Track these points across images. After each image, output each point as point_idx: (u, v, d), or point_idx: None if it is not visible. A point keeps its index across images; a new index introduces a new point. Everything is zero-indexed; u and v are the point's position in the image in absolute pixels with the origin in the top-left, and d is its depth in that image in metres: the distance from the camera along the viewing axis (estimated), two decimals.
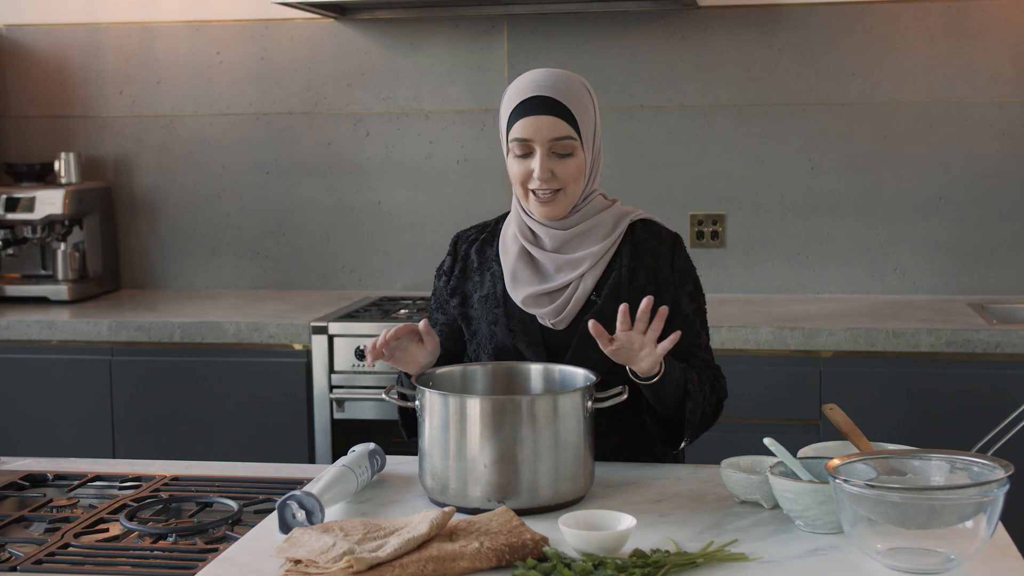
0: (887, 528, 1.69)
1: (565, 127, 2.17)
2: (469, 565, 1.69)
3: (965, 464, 1.75)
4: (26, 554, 1.84)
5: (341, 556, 1.67)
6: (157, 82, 4.31)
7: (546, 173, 2.17)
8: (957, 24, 3.90)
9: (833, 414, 2.15)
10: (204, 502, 2.08)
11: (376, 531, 1.77)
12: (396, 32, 4.16)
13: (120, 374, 3.74)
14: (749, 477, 1.94)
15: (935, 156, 3.96)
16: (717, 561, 1.72)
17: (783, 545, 1.80)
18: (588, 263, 2.23)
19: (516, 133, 2.19)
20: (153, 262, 4.38)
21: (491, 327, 2.27)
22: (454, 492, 1.95)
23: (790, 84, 4.00)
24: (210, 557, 1.80)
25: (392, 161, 4.21)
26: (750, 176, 4.04)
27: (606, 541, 1.72)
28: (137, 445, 3.72)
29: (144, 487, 2.16)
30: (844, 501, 1.70)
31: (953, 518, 1.66)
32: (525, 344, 2.24)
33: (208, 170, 4.31)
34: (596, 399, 2.01)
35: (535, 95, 2.17)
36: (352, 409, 3.65)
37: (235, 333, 3.68)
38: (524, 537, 1.74)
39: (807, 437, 3.45)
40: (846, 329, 3.45)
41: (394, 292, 4.22)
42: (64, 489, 2.21)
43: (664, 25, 4.02)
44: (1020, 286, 3.95)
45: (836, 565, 1.72)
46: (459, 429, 1.95)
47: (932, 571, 1.68)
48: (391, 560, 1.67)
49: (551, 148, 2.17)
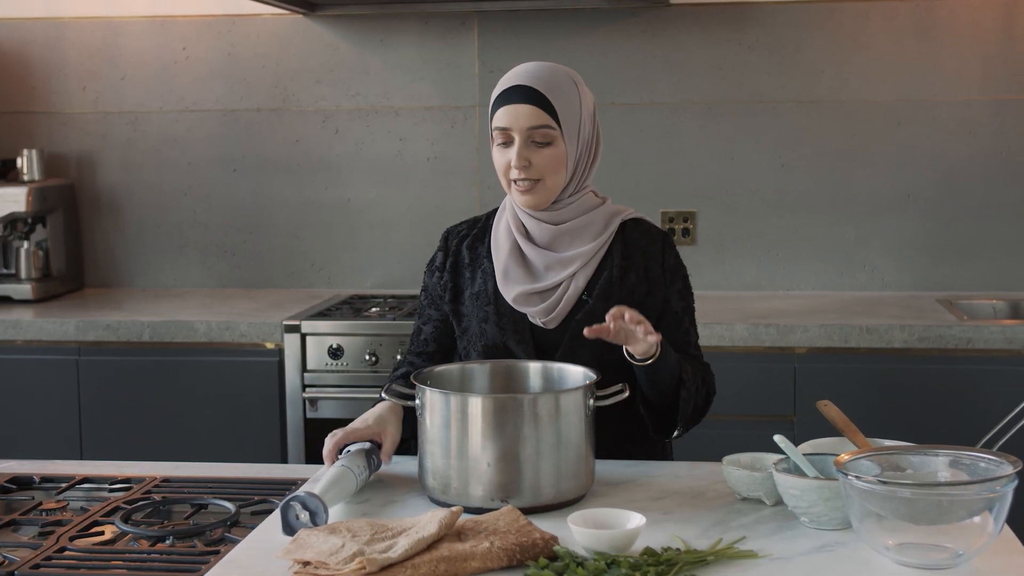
0: (896, 524, 1.70)
1: (543, 116, 2.18)
2: (480, 565, 1.68)
3: (972, 460, 1.76)
4: (22, 558, 1.80)
5: (352, 557, 1.65)
6: (121, 78, 4.25)
7: (522, 161, 2.18)
8: (925, 23, 3.93)
9: (828, 410, 2.15)
10: (199, 504, 2.05)
11: (384, 531, 1.75)
12: (366, 28, 4.13)
13: (88, 374, 3.68)
14: (752, 474, 1.95)
15: (903, 154, 3.99)
16: (727, 559, 1.72)
17: (789, 542, 1.80)
18: (579, 262, 2.23)
19: (496, 122, 2.22)
20: (118, 260, 4.32)
21: (481, 324, 2.27)
22: (456, 491, 1.94)
23: (760, 82, 4.01)
24: (212, 560, 1.77)
25: (362, 158, 4.18)
26: (721, 173, 4.06)
27: (617, 540, 1.71)
28: (105, 446, 3.66)
29: (135, 489, 2.13)
30: (853, 497, 1.71)
31: (963, 514, 1.67)
32: (515, 342, 2.24)
33: (174, 167, 4.26)
34: (597, 397, 2.01)
35: (516, 84, 2.20)
36: (325, 408, 3.62)
37: (206, 332, 3.64)
38: (534, 536, 1.73)
39: (782, 433, 3.47)
40: (820, 326, 3.47)
41: (364, 290, 4.19)
42: (52, 492, 2.17)
43: (635, 22, 4.02)
44: (987, 282, 3.99)
45: (845, 561, 1.73)
46: (461, 428, 1.93)
47: (941, 566, 1.69)
48: (402, 560, 1.65)
49: (529, 137, 2.18)
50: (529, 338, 2.24)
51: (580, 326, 2.15)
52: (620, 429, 2.28)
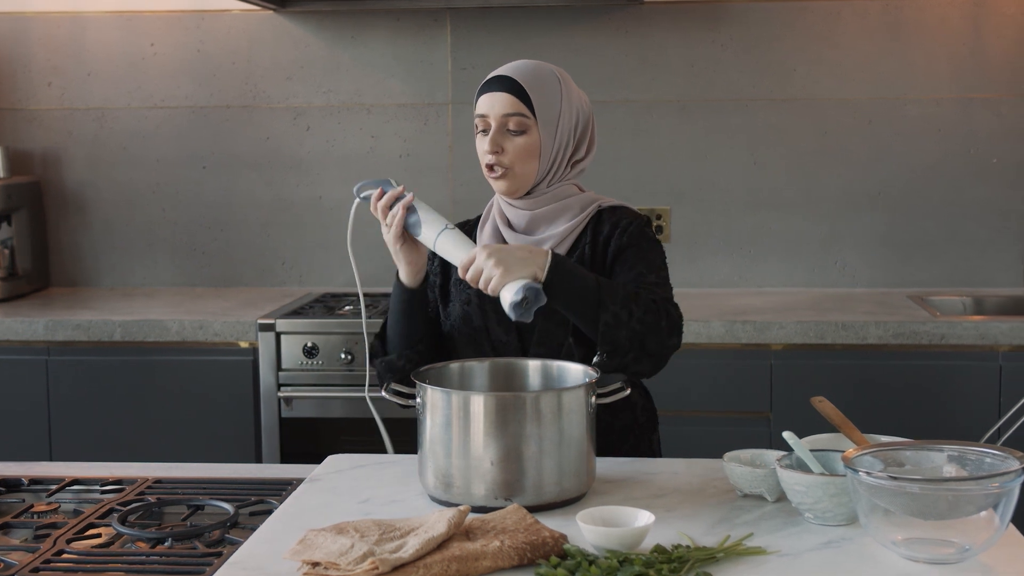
0: (903, 519, 1.70)
1: (518, 104, 2.24)
2: (492, 564, 1.66)
3: (977, 456, 1.78)
4: (20, 562, 1.76)
5: (363, 557, 1.63)
6: (88, 74, 4.19)
7: (494, 147, 2.24)
8: (895, 22, 3.97)
9: (823, 406, 2.16)
10: (195, 505, 2.02)
11: (391, 531, 1.73)
12: (337, 25, 4.10)
13: (57, 374, 3.63)
14: (754, 471, 1.95)
15: (874, 152, 4.02)
16: (737, 555, 1.72)
17: (795, 538, 1.80)
18: (551, 243, 2.28)
19: (476, 110, 2.30)
20: (85, 259, 4.26)
21: (464, 307, 2.33)
22: (458, 490, 1.93)
23: (733, 80, 4.03)
24: (215, 562, 1.75)
25: (333, 156, 4.15)
26: (694, 171, 4.07)
27: (627, 537, 1.71)
28: (76, 447, 3.61)
29: (128, 490, 2.10)
30: (861, 492, 1.71)
31: (971, 509, 1.68)
32: (496, 322, 2.29)
33: (142, 164, 4.21)
34: (598, 395, 2.01)
35: (496, 75, 2.28)
36: (300, 407, 3.59)
37: (179, 331, 3.60)
38: (543, 535, 1.73)
39: (758, 430, 3.51)
40: (796, 322, 3.49)
41: (336, 288, 4.16)
42: (41, 494, 2.13)
43: (608, 20, 4.03)
44: (956, 279, 4.04)
45: (853, 556, 1.73)
46: (463, 426, 1.92)
47: (948, 561, 1.70)
48: (414, 560, 1.64)
49: (503, 124, 2.24)
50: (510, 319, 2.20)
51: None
52: (601, 420, 2.26)
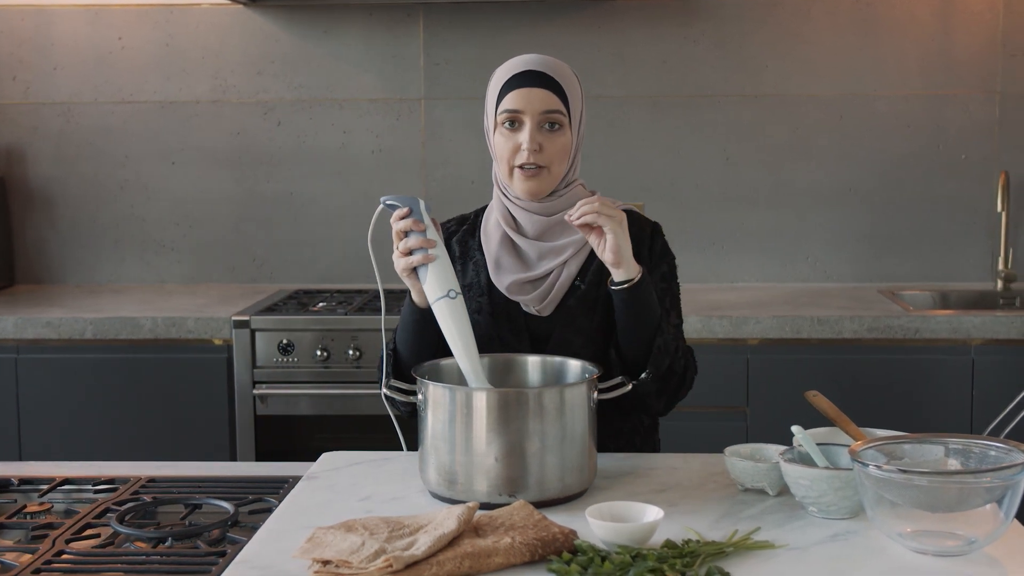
0: (909, 511, 1.72)
1: (556, 101, 2.18)
2: (504, 560, 1.66)
3: (982, 449, 1.79)
4: (21, 563, 1.74)
5: (375, 555, 1.62)
6: (54, 68, 4.13)
7: (535, 144, 2.17)
8: (865, 18, 4.00)
9: (817, 400, 2.17)
10: (193, 504, 2.00)
11: (400, 529, 1.72)
12: (308, 19, 4.07)
13: (27, 373, 3.58)
14: (756, 465, 1.95)
15: (845, 148, 4.05)
16: (746, 549, 1.73)
17: (800, 532, 1.81)
18: (571, 250, 2.24)
19: (507, 105, 2.18)
20: (51, 256, 4.20)
21: (474, 315, 2.24)
22: (462, 487, 1.92)
23: (705, 76, 4.04)
24: (221, 561, 1.73)
25: (305, 151, 4.12)
26: (667, 167, 4.08)
27: (637, 533, 1.71)
28: (47, 447, 3.56)
29: (122, 490, 2.07)
30: (868, 485, 1.72)
31: (979, 501, 1.70)
32: (509, 331, 2.24)
33: (110, 160, 4.15)
34: (600, 390, 2.00)
35: (528, 70, 2.20)
36: (275, 404, 3.56)
37: (151, 329, 3.56)
38: (553, 531, 1.72)
39: (735, 424, 3.53)
40: (772, 317, 3.51)
41: (309, 285, 4.13)
42: (32, 494, 2.10)
43: (581, 16, 4.02)
44: (925, 273, 4.07)
45: (861, 549, 1.74)
46: (467, 423, 1.91)
47: (955, 553, 1.71)
48: (427, 558, 1.63)
49: (541, 121, 2.18)
50: (523, 327, 2.23)
51: (573, 312, 2.21)
52: (611, 422, 2.27)
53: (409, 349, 2.20)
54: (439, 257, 2.08)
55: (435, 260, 2.07)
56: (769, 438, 2.31)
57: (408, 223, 2.08)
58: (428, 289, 2.08)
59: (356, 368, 3.54)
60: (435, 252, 2.07)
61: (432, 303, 2.08)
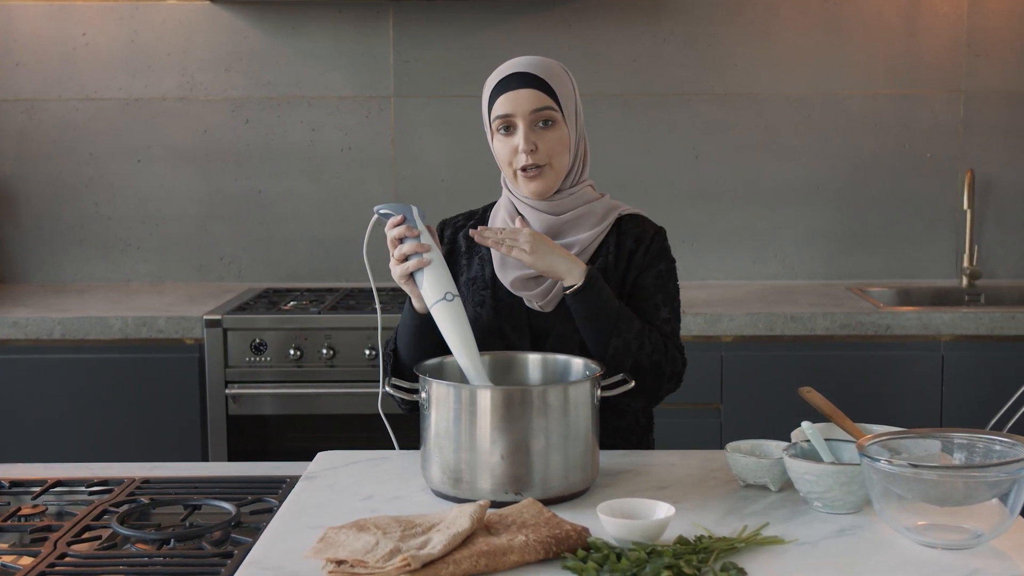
0: (916, 505, 1.73)
1: (544, 98, 2.20)
2: (519, 559, 1.65)
3: (986, 444, 1.81)
4: (24, 566, 1.71)
5: (391, 554, 1.61)
6: (16, 64, 4.06)
7: (529, 145, 2.19)
8: (833, 17, 4.03)
9: (811, 396, 2.18)
10: (192, 505, 1.97)
11: (412, 528, 1.71)
12: (277, 16, 4.03)
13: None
14: (759, 461, 1.96)
15: (813, 146, 4.09)
16: (757, 545, 1.73)
17: (807, 527, 1.82)
18: (576, 249, 2.26)
19: (498, 111, 2.22)
20: (13, 255, 4.13)
21: (476, 309, 2.28)
22: (467, 485, 1.91)
23: (675, 74, 4.06)
24: (228, 562, 1.71)
25: (273, 149, 4.08)
26: (637, 165, 4.09)
27: (650, 530, 1.71)
28: (15, 449, 3.50)
29: (117, 491, 2.04)
30: (875, 480, 1.74)
31: (985, 495, 1.72)
32: (511, 326, 2.25)
33: (74, 158, 4.09)
34: (603, 388, 2.01)
35: (513, 73, 2.22)
36: (247, 404, 3.53)
37: (121, 328, 3.51)
38: (565, 528, 1.72)
39: (709, 421, 3.54)
40: (746, 314, 3.53)
41: (278, 283, 4.09)
42: (25, 496, 2.06)
43: (551, 14, 4.02)
44: (892, 270, 4.12)
45: (869, 543, 1.76)
46: (471, 421, 1.90)
47: (962, 547, 1.73)
48: (443, 556, 1.62)
49: (533, 120, 2.20)
50: (525, 322, 2.25)
51: None
52: (607, 421, 2.28)
53: (410, 353, 2.20)
54: (434, 261, 2.09)
55: (430, 264, 2.08)
56: (743, 435, 2.34)
57: (402, 230, 2.09)
58: (425, 293, 2.09)
59: (330, 367, 3.52)
60: (430, 256, 2.08)
61: (430, 307, 2.09)
